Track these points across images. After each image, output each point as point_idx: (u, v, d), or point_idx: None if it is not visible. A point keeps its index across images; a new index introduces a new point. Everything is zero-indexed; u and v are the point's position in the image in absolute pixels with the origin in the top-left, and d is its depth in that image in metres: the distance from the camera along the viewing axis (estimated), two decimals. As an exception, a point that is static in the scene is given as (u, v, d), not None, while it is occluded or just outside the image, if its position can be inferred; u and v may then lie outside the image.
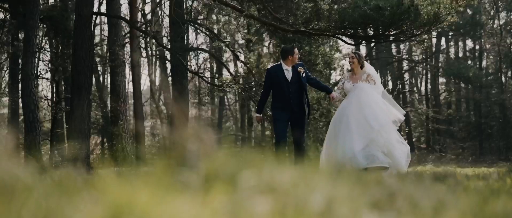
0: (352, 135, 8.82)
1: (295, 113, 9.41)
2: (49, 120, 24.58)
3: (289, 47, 9.80)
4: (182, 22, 19.56)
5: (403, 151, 8.97)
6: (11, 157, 1.80)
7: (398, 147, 8.93)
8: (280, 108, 9.45)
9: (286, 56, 9.45)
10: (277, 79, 9.39)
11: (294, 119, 9.45)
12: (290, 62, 9.44)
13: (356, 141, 8.75)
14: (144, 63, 32.24)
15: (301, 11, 14.87)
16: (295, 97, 9.41)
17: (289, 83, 9.39)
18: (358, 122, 8.93)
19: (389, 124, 9.04)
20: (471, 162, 30.53)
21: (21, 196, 1.58)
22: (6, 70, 25.77)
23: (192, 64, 31.06)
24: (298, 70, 9.43)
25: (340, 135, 9.00)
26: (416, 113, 37.43)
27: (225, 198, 1.62)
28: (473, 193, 2.43)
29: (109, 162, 9.14)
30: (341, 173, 2.48)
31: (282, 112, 9.42)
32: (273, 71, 9.54)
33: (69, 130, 15.68)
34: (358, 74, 9.45)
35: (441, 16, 13.48)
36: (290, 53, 9.43)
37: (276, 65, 9.69)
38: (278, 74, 9.42)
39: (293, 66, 9.47)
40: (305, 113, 9.55)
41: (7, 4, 18.93)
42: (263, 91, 9.88)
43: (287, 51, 9.54)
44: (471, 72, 32.73)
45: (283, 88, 9.37)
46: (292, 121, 9.50)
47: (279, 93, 9.46)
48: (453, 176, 3.85)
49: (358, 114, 8.99)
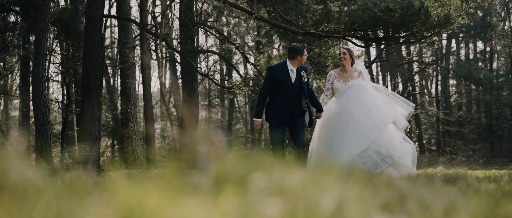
0: (350, 135, 8.29)
1: (294, 117, 8.72)
2: (59, 122, 24.71)
3: (299, 46, 8.85)
4: (192, 25, 19.58)
5: (407, 150, 8.48)
6: (22, 159, 1.81)
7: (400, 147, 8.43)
8: (277, 111, 8.73)
9: (295, 56, 8.71)
10: (281, 79, 8.63)
11: (292, 121, 8.74)
12: (297, 63, 8.72)
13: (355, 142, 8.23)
14: (154, 66, 32.38)
15: (311, 13, 14.85)
16: (295, 101, 8.71)
17: (292, 85, 8.67)
18: (359, 120, 8.38)
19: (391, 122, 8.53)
20: (482, 164, 30.40)
21: (32, 198, 1.59)
22: (17, 72, 25.89)
23: (202, 66, 31.16)
24: (301, 73, 8.72)
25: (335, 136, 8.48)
26: (426, 114, 37.31)
27: (235, 200, 1.62)
28: (484, 196, 2.42)
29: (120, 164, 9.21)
30: (352, 175, 2.47)
31: (279, 115, 8.70)
32: (278, 69, 8.73)
33: (79, 132, 15.72)
34: (349, 71, 8.93)
35: (452, 18, 13.43)
36: (300, 53, 8.69)
37: (281, 64, 8.88)
38: (283, 74, 8.66)
39: (297, 68, 8.75)
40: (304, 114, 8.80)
41: (18, 7, 19.04)
42: (263, 91, 8.88)
43: (297, 50, 8.75)
44: (482, 74, 32.57)
45: (285, 90, 8.66)
46: (290, 124, 8.78)
47: (279, 95, 8.71)
48: (464, 178, 3.83)
49: (358, 111, 8.44)
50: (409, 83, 35.57)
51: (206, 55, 30.51)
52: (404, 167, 8.30)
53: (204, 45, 33.38)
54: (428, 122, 38.03)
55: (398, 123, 8.68)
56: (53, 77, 21.82)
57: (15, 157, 1.81)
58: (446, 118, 35.70)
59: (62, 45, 22.52)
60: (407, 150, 8.52)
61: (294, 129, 8.77)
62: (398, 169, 8.26)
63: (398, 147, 8.41)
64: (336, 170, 1.99)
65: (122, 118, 19.89)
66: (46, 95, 14.89)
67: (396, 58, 35.20)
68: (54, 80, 22.20)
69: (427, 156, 32.65)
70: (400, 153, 8.37)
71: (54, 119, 27.59)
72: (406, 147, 8.54)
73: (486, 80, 32.82)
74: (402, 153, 8.39)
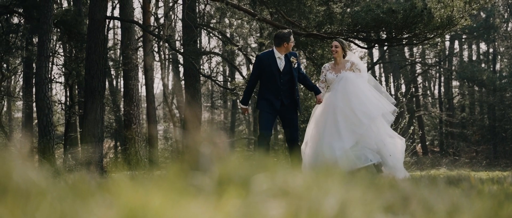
0: (340, 131, 8.15)
1: (286, 107, 8.51)
2: (62, 123, 24.72)
3: (285, 33, 8.63)
4: (195, 26, 19.61)
5: (396, 146, 8.29)
6: (25, 160, 1.81)
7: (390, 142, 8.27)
8: (268, 100, 8.51)
9: (281, 43, 8.52)
10: (268, 67, 8.47)
11: (285, 113, 8.56)
12: (284, 50, 8.53)
13: (346, 137, 8.08)
14: (157, 67, 32.37)
15: (314, 15, 14.85)
16: (286, 89, 8.50)
17: (281, 73, 8.47)
18: (346, 116, 8.25)
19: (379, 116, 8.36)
20: (485, 165, 30.34)
21: (35, 199, 1.59)
22: (20, 74, 25.98)
23: (205, 67, 31.14)
24: (291, 60, 8.55)
25: (326, 131, 8.31)
26: (429, 116, 37.29)
27: (239, 201, 1.62)
28: (487, 197, 2.41)
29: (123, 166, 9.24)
30: (354, 176, 2.47)
31: (270, 104, 8.48)
32: (264, 58, 8.56)
33: (82, 133, 15.74)
34: (341, 63, 8.77)
35: (455, 20, 13.41)
36: (286, 40, 8.50)
37: (268, 52, 8.70)
38: (270, 62, 8.49)
39: (286, 54, 8.58)
40: (296, 107, 8.63)
41: (21, 9, 19.08)
42: (250, 80, 8.79)
43: (282, 37, 8.55)
44: (485, 76, 32.52)
45: (273, 78, 8.47)
46: (282, 116, 8.61)
47: (269, 84, 8.52)
48: (467, 179, 3.82)
49: (345, 107, 8.31)
50: (412, 84, 35.51)
51: (208, 56, 30.48)
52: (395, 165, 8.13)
53: (206, 47, 33.41)
54: (431, 123, 38.01)
55: (385, 117, 8.52)
56: (56, 79, 21.86)
57: (18, 158, 1.81)
58: (449, 119, 35.67)
59: (65, 47, 22.57)
60: (397, 146, 8.32)
61: (288, 125, 8.60)
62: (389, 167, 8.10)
63: (389, 144, 8.25)
64: (339, 171, 1.99)
65: (125, 119, 19.91)
66: (49, 96, 14.91)
67: (399, 59, 35.16)
68: (57, 82, 22.26)
69: (430, 157, 32.61)
70: (391, 150, 8.20)
71: (57, 120, 27.64)
72: (396, 144, 8.36)
73: (489, 82, 32.77)
74: (392, 150, 8.21)
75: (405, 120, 15.31)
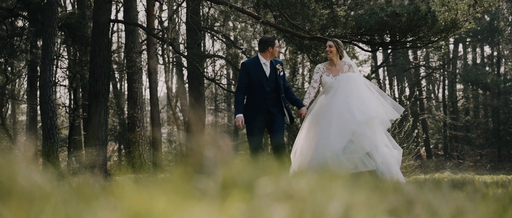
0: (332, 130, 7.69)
1: (273, 115, 8.09)
2: (67, 126, 24.78)
3: (270, 37, 8.25)
4: (198, 29, 19.62)
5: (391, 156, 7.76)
6: (30, 163, 1.82)
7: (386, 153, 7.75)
8: (254, 109, 8.07)
9: (265, 48, 8.14)
10: (255, 74, 8.06)
11: (271, 122, 8.12)
12: (269, 56, 8.14)
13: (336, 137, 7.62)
14: (161, 70, 32.45)
15: (318, 18, 14.85)
16: (272, 97, 8.09)
17: (267, 80, 8.08)
18: (341, 114, 7.76)
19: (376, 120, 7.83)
20: (490, 169, 30.30)
21: (39, 202, 1.59)
22: (24, 77, 26.02)
23: (209, 71, 31.14)
24: (276, 67, 8.15)
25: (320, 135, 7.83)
26: (433, 119, 37.23)
27: (243, 205, 1.62)
28: (492, 201, 2.41)
29: (126, 169, 9.25)
30: (359, 179, 2.47)
31: (256, 115, 8.04)
32: (250, 65, 8.15)
33: (86, 136, 15.76)
34: (338, 65, 8.29)
35: (459, 23, 13.39)
36: (271, 45, 8.11)
37: (252, 58, 8.28)
38: (256, 69, 8.09)
39: (271, 62, 8.18)
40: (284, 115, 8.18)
41: (26, 12, 19.13)
42: (239, 88, 8.18)
43: (266, 42, 8.16)
44: (489, 79, 32.48)
45: (260, 86, 8.06)
46: (269, 125, 8.18)
47: (255, 92, 8.09)
48: (471, 183, 3.81)
49: (342, 105, 7.83)
50: (416, 88, 35.49)
51: (212, 59, 30.48)
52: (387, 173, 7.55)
53: (210, 50, 33.41)
54: (435, 126, 37.94)
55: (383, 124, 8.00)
56: (60, 82, 21.90)
57: (23, 161, 1.82)
58: (453, 123, 35.62)
59: (70, 50, 22.63)
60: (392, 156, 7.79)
61: (272, 128, 8.16)
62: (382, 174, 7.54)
63: (383, 152, 7.73)
64: (343, 175, 1.99)
65: (129, 122, 19.93)
66: (53, 100, 14.95)
67: (403, 62, 35.13)
68: (61, 85, 22.28)
69: (434, 160, 32.53)
70: (382, 158, 7.66)
71: (61, 123, 27.70)
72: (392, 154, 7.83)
73: (494, 85, 32.73)
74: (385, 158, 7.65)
75: (409, 123, 15.27)
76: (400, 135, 14.99)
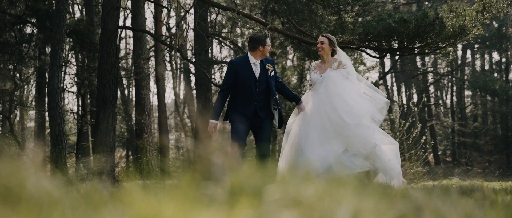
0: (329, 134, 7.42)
1: (261, 120, 7.64)
2: (75, 133, 24.85)
3: (261, 36, 7.79)
4: (206, 36, 19.65)
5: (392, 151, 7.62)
6: (38, 169, 1.82)
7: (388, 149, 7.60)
8: (240, 111, 7.60)
9: (256, 47, 7.66)
10: (243, 75, 7.54)
11: (258, 126, 7.69)
12: (259, 55, 7.66)
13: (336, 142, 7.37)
14: (169, 77, 32.49)
15: (325, 24, 14.84)
16: (261, 99, 7.62)
17: (257, 81, 7.57)
18: (331, 119, 7.49)
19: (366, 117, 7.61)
20: (498, 175, 30.12)
21: (48, 208, 1.59)
22: (33, 84, 26.12)
23: (216, 77, 31.17)
24: (266, 67, 7.65)
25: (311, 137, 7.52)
26: (441, 126, 37.11)
27: (251, 211, 1.62)
28: (500, 208, 2.39)
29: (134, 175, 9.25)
30: (367, 186, 2.46)
31: (242, 115, 7.56)
32: (238, 64, 7.65)
33: (94, 143, 15.78)
34: (328, 62, 7.99)
35: (467, 29, 13.35)
36: (261, 43, 7.64)
37: (242, 57, 7.82)
38: (244, 68, 7.58)
39: (262, 61, 7.69)
40: (272, 119, 7.76)
41: (34, 19, 19.22)
42: (223, 89, 7.68)
43: (257, 40, 7.68)
44: (498, 85, 32.35)
45: (248, 87, 7.55)
46: (255, 129, 7.75)
47: (243, 93, 7.60)
48: (480, 190, 3.80)
49: (329, 108, 7.53)
50: (424, 94, 35.39)
51: (220, 66, 30.50)
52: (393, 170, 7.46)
53: (218, 56, 33.42)
54: (443, 133, 37.82)
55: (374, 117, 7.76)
56: (69, 88, 22.02)
57: (31, 167, 1.82)
58: (461, 129, 35.49)
59: (78, 57, 22.72)
60: (389, 151, 7.60)
61: (258, 135, 7.76)
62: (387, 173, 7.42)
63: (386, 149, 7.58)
64: (351, 181, 1.98)
65: (137, 128, 19.97)
66: (61, 106, 14.98)
67: (410, 69, 35.04)
68: (70, 91, 22.37)
69: (442, 167, 32.40)
70: (390, 155, 7.53)
71: (69, 129, 27.77)
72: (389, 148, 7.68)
73: (502, 91, 32.58)
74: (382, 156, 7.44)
75: (417, 130, 15.23)
76: (408, 141, 14.95)
